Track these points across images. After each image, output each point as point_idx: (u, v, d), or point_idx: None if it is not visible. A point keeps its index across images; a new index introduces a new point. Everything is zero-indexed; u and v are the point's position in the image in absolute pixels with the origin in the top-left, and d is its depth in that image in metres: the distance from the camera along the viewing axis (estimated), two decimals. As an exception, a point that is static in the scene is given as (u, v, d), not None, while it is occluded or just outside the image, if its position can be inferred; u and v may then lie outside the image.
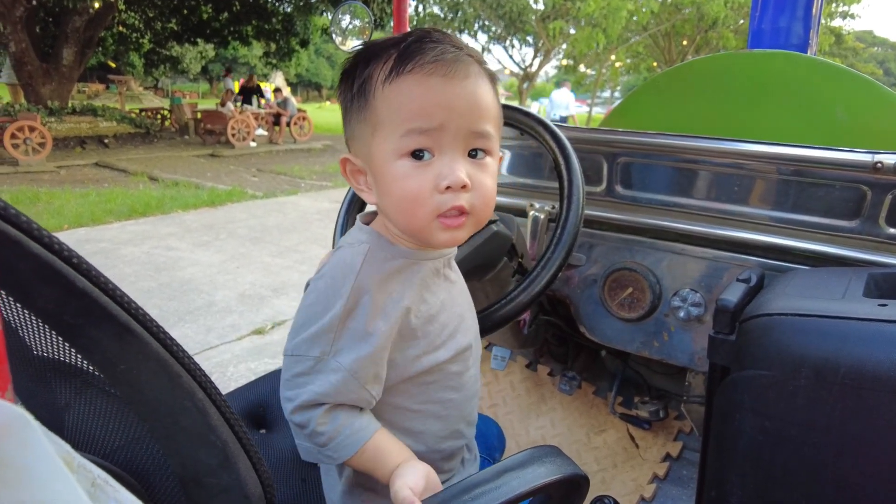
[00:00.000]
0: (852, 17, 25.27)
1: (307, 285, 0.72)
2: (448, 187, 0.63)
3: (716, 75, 1.58)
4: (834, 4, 23.58)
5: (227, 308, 3.63)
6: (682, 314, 1.20)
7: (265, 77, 25.19)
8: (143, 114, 13.50)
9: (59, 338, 0.42)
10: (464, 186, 0.64)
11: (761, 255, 1.15)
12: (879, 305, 0.77)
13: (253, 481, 0.52)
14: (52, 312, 0.39)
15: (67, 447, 0.45)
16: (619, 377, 1.64)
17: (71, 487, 0.29)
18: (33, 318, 0.41)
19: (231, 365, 2.92)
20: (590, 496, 1.39)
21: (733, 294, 0.92)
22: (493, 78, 0.70)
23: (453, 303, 0.77)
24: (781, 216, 1.13)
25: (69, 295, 0.37)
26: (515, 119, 1.18)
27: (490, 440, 1.06)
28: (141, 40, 16.24)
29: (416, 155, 0.64)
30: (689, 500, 1.41)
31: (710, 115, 1.57)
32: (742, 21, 19.71)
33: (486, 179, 0.67)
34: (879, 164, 1.00)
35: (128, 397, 0.47)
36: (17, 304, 0.39)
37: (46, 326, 0.41)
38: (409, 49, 0.64)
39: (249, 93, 13.84)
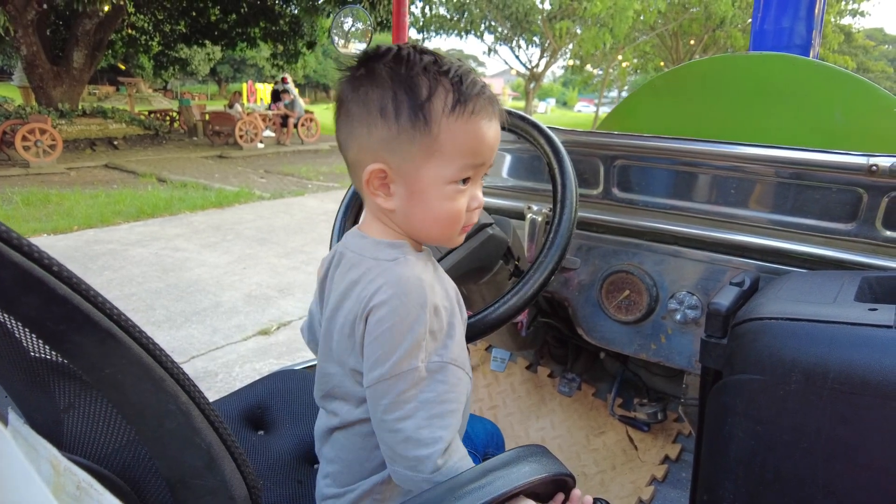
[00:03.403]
0: (862, 14, 25.06)
1: (367, 314, 0.70)
2: (476, 207, 0.77)
3: (714, 78, 1.57)
4: (844, 2, 23.37)
5: (234, 309, 3.66)
6: (678, 317, 1.20)
7: (272, 78, 25.29)
8: (153, 115, 13.61)
9: (45, 344, 0.43)
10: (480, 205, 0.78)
11: (758, 257, 1.14)
12: (870, 310, 0.77)
13: (238, 482, 0.53)
14: (35, 319, 0.40)
15: (54, 451, 0.46)
16: (618, 379, 1.64)
17: (42, 493, 0.30)
18: (19, 324, 0.42)
19: (237, 365, 2.94)
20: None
21: (725, 297, 0.92)
22: None
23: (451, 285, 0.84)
24: (778, 219, 1.12)
25: (50, 302, 0.38)
26: (511, 123, 1.19)
27: (485, 438, 1.07)
28: (150, 43, 16.35)
29: (462, 181, 0.73)
30: (686, 503, 1.41)
31: (708, 117, 1.56)
32: (750, 20, 19.56)
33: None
34: (875, 167, 0.99)
35: (114, 401, 0.48)
36: (3, 312, 0.40)
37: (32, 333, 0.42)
38: (468, 90, 0.71)
39: (277, 94, 13.95)
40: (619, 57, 24.33)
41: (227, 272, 4.37)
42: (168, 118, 14.12)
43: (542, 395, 1.74)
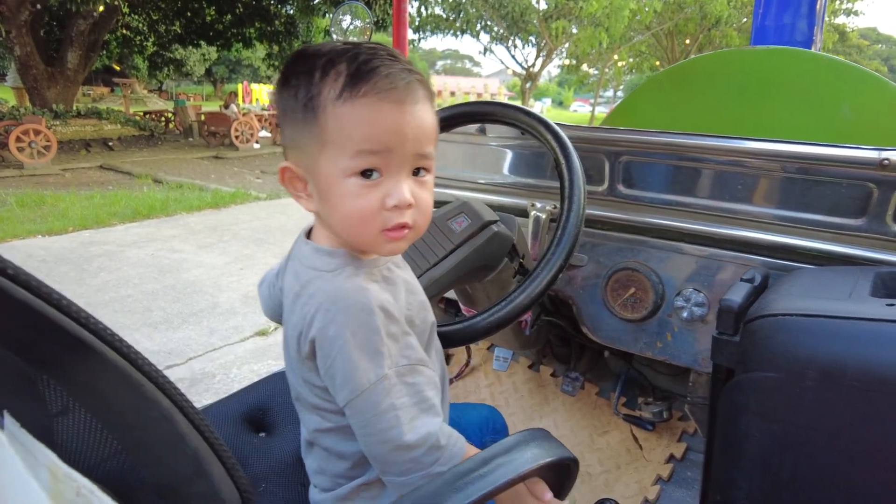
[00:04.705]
0: (856, 14, 25.19)
1: (314, 337, 0.68)
2: (395, 206, 0.66)
3: (719, 72, 1.56)
4: (838, 1, 23.47)
5: (231, 310, 3.63)
6: (685, 314, 1.18)
7: (268, 79, 25.24)
8: (148, 116, 13.56)
9: (14, 356, 0.40)
10: (409, 205, 0.67)
11: (766, 254, 1.13)
12: (888, 305, 0.76)
13: (228, 488, 0.50)
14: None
15: (53, 457, 0.44)
16: (622, 378, 1.62)
17: (40, 501, 0.28)
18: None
19: (234, 366, 2.91)
20: (593, 498, 1.37)
21: (737, 294, 0.90)
22: (433, 98, 0.72)
23: (414, 289, 0.79)
24: (786, 214, 1.11)
25: (12, 311, 0.35)
26: (517, 119, 1.17)
27: (481, 424, 1.04)
28: (145, 43, 16.28)
29: (365, 174, 0.65)
30: (692, 502, 1.39)
31: (714, 112, 1.55)
32: (745, 19, 19.66)
33: (426, 196, 0.71)
34: (886, 161, 0.98)
35: (93, 410, 0.46)
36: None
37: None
38: (361, 70, 0.64)
39: None
40: (615, 56, 24.37)
41: (224, 273, 4.34)
42: (163, 119, 14.07)
43: (545, 395, 1.72)
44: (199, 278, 4.20)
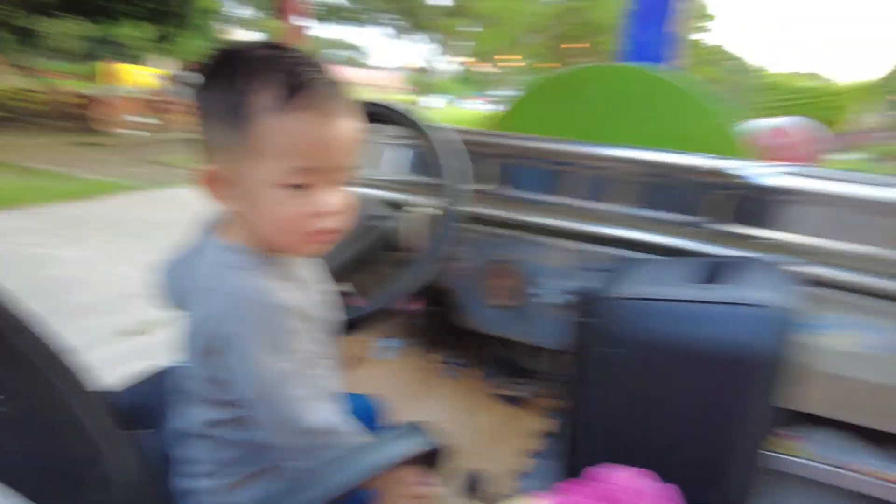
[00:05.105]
0: (706, 31, 27.89)
1: (213, 332, 0.69)
2: (325, 213, 0.70)
3: (591, 84, 1.77)
4: (693, 20, 25.85)
5: (101, 308, 3.40)
6: (552, 301, 1.31)
7: (136, 58, 23.44)
8: (12, 95, 12.18)
9: None
10: (337, 212, 0.71)
11: (621, 247, 1.28)
12: (703, 289, 0.91)
13: (128, 471, 0.52)
14: None
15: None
16: (498, 361, 1.75)
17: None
18: None
19: (107, 366, 2.74)
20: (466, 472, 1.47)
21: (592, 282, 1.03)
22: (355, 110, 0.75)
23: (318, 286, 0.83)
24: (639, 213, 1.27)
25: None
26: (400, 121, 1.23)
27: (367, 413, 1.09)
28: (12, 15, 14.52)
29: (297, 186, 0.68)
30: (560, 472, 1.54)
31: (587, 119, 1.73)
32: (628, 29, 21.05)
33: (349, 200, 0.74)
34: (708, 168, 1.16)
35: None
36: None
37: None
38: (294, 82, 0.65)
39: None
40: (511, 56, 25.22)
41: (96, 269, 4.04)
42: (29, 99, 12.68)
43: (431, 381, 1.81)
44: (64, 274, 3.88)
